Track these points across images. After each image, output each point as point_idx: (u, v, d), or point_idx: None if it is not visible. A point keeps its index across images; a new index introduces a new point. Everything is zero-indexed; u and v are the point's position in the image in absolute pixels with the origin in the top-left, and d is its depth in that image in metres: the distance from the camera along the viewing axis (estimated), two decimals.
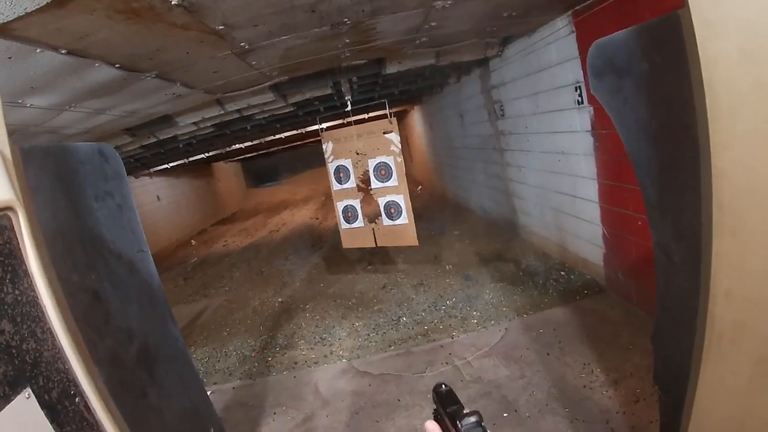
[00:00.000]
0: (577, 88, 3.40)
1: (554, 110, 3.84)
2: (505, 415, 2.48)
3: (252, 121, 5.70)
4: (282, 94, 4.54)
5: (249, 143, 9.17)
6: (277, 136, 9.18)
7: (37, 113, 2.74)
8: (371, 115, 7.66)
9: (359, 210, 4.70)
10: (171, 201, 10.69)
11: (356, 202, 4.68)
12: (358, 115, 7.15)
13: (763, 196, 0.92)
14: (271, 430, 2.83)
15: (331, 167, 4.72)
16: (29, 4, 1.41)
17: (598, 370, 2.69)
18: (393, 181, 4.43)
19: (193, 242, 10.50)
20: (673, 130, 1.14)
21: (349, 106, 5.08)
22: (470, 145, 6.70)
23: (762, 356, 1.03)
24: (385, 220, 4.54)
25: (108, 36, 1.88)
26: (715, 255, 1.05)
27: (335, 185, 4.75)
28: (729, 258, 1.03)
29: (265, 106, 4.80)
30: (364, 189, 4.59)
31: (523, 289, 4.06)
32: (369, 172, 4.51)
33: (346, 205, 4.74)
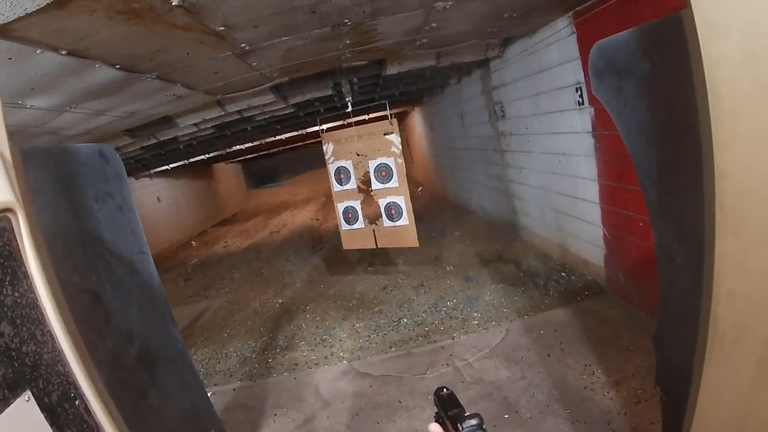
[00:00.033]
0: (578, 89, 3.39)
1: (555, 111, 3.84)
2: (506, 416, 2.48)
3: (252, 123, 5.70)
4: (282, 95, 4.54)
5: (249, 144, 9.15)
6: (278, 137, 9.18)
7: (37, 114, 2.74)
8: (372, 116, 7.66)
9: (360, 211, 4.69)
10: (171, 202, 10.68)
11: (357, 204, 4.68)
12: (359, 116, 7.17)
13: (766, 196, 0.92)
14: None
15: (332, 168, 4.72)
16: (29, 4, 1.41)
17: (599, 371, 2.68)
18: (393, 183, 4.43)
19: (194, 243, 10.49)
20: (675, 131, 1.14)
21: (350, 107, 5.09)
22: (471, 146, 6.70)
23: (764, 356, 1.02)
24: (386, 222, 4.53)
25: (108, 37, 1.88)
26: (717, 255, 1.05)
27: (336, 186, 4.75)
28: (731, 258, 1.03)
29: (266, 107, 4.80)
30: (365, 190, 4.59)
31: (524, 290, 4.05)
32: (370, 174, 4.51)
33: (347, 207, 4.73)
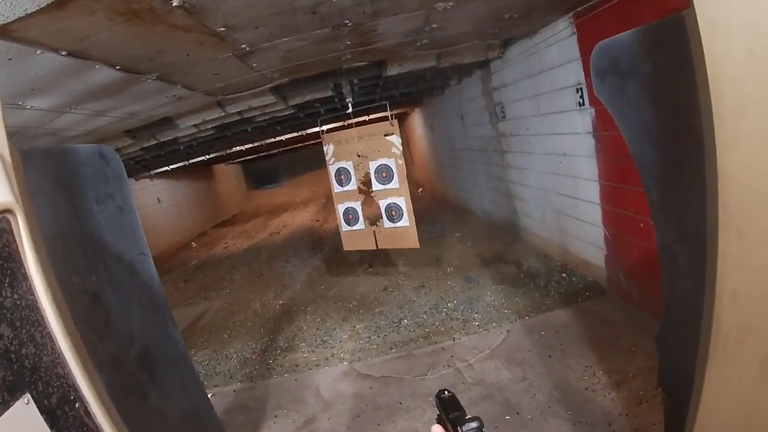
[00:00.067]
0: (579, 89, 3.39)
1: (555, 112, 3.84)
2: (507, 417, 2.47)
3: (253, 123, 5.70)
4: (283, 96, 4.54)
5: (249, 145, 9.16)
6: (278, 138, 9.18)
7: (37, 115, 2.74)
8: (372, 117, 7.66)
9: (360, 212, 4.69)
10: (171, 203, 10.68)
11: (357, 205, 4.68)
12: (359, 117, 7.17)
13: None
14: None
15: (332, 169, 4.72)
16: (29, 5, 1.41)
17: (601, 372, 2.68)
18: (394, 184, 4.43)
19: (194, 244, 10.49)
20: (677, 131, 1.13)
21: (350, 108, 5.09)
22: (471, 147, 6.69)
23: (767, 357, 1.02)
24: (386, 223, 4.53)
25: (108, 37, 1.88)
26: (720, 256, 1.04)
27: (336, 187, 4.74)
28: (734, 258, 1.02)
29: (266, 108, 4.80)
30: (365, 191, 4.59)
31: (525, 291, 4.05)
32: (370, 175, 4.51)
33: (347, 208, 4.73)
